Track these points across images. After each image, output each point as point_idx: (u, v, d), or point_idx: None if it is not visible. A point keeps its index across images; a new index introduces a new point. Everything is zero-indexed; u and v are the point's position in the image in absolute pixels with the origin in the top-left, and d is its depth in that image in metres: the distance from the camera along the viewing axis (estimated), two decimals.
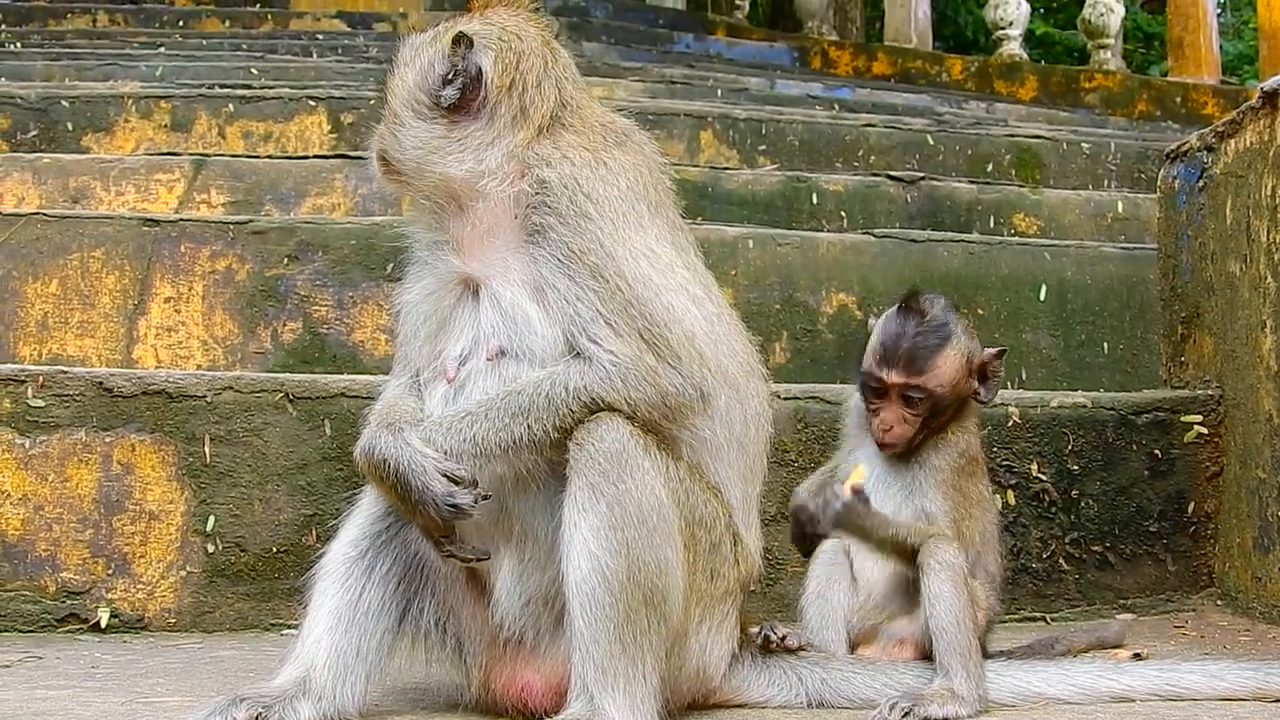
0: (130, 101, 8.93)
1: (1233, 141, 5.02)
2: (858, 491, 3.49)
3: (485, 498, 3.03)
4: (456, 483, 3.00)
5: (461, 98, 3.24)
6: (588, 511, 2.94)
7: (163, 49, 12.93)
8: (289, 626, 4.36)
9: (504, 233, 3.19)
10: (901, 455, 3.68)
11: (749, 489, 3.32)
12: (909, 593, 3.59)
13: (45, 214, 6.24)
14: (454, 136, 3.24)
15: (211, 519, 4.55)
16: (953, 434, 3.72)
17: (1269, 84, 4.78)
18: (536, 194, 3.15)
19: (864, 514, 3.51)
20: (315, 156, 7.86)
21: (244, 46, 13.74)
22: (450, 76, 3.25)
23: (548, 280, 3.10)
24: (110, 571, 4.50)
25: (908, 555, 3.54)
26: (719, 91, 12.12)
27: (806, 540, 3.72)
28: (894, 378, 3.63)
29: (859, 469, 3.60)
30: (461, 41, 3.26)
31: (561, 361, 3.07)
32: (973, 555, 3.64)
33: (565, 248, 3.09)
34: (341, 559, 3.23)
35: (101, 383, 4.54)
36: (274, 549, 4.56)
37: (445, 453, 3.04)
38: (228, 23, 16.30)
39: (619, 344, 3.04)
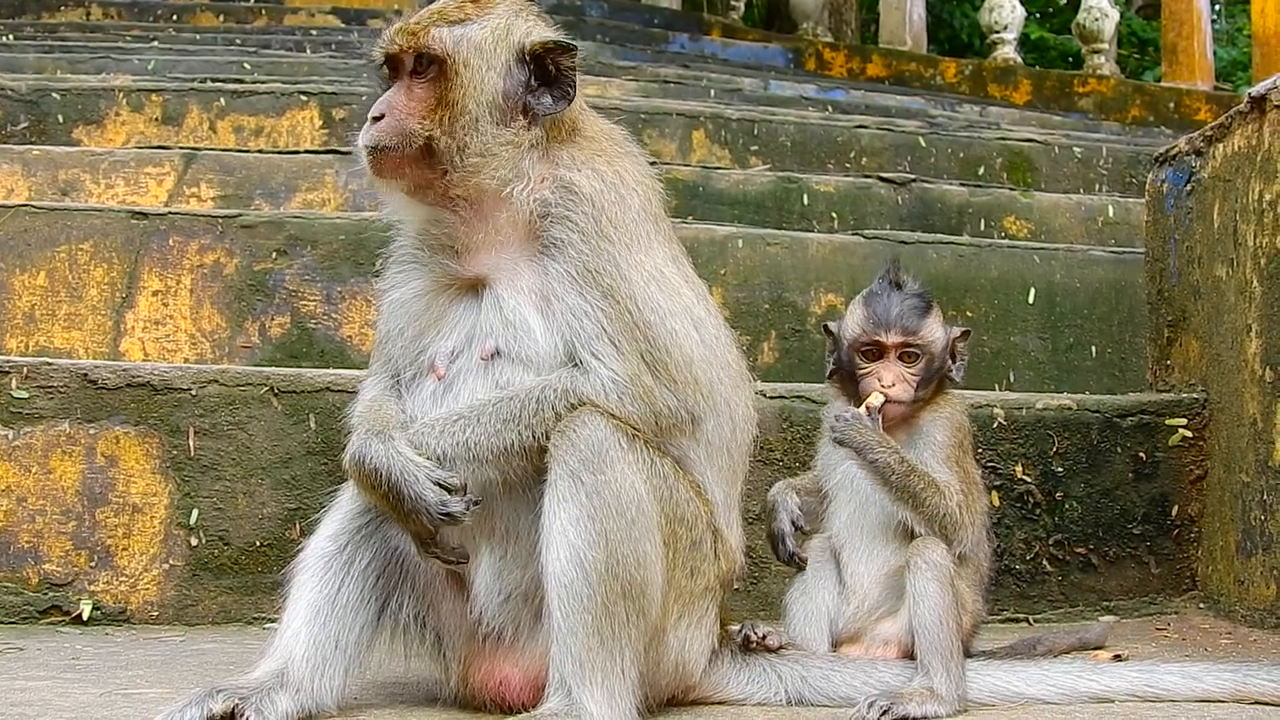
0: (121, 95, 8.91)
1: (1221, 146, 5.03)
2: (870, 411, 3.51)
3: (476, 503, 3.04)
4: (449, 491, 3.01)
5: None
6: (567, 501, 2.96)
7: (156, 43, 12.93)
8: (272, 620, 4.34)
9: (517, 239, 3.19)
10: (896, 434, 3.69)
11: (731, 488, 3.34)
12: (899, 595, 3.59)
13: (33, 206, 6.24)
14: (516, 142, 3.20)
15: (195, 512, 4.54)
16: (946, 406, 3.75)
17: (1257, 89, 4.79)
18: (559, 204, 3.15)
19: (869, 430, 3.51)
20: (306, 152, 7.86)
21: (237, 41, 13.72)
22: (534, 85, 3.21)
23: (557, 293, 3.11)
24: (93, 564, 4.50)
25: (911, 502, 3.53)
26: (712, 91, 12.13)
27: (781, 541, 3.72)
28: (893, 337, 3.67)
29: (876, 395, 3.61)
30: (555, 49, 3.21)
31: (559, 370, 3.09)
32: (973, 540, 3.63)
33: (581, 266, 3.11)
34: (321, 553, 3.23)
35: (86, 374, 4.53)
36: (257, 543, 4.56)
37: (437, 456, 3.05)
38: (222, 17, 16.28)
39: (620, 362, 3.07)
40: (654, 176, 3.39)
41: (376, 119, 3.17)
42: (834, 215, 8.00)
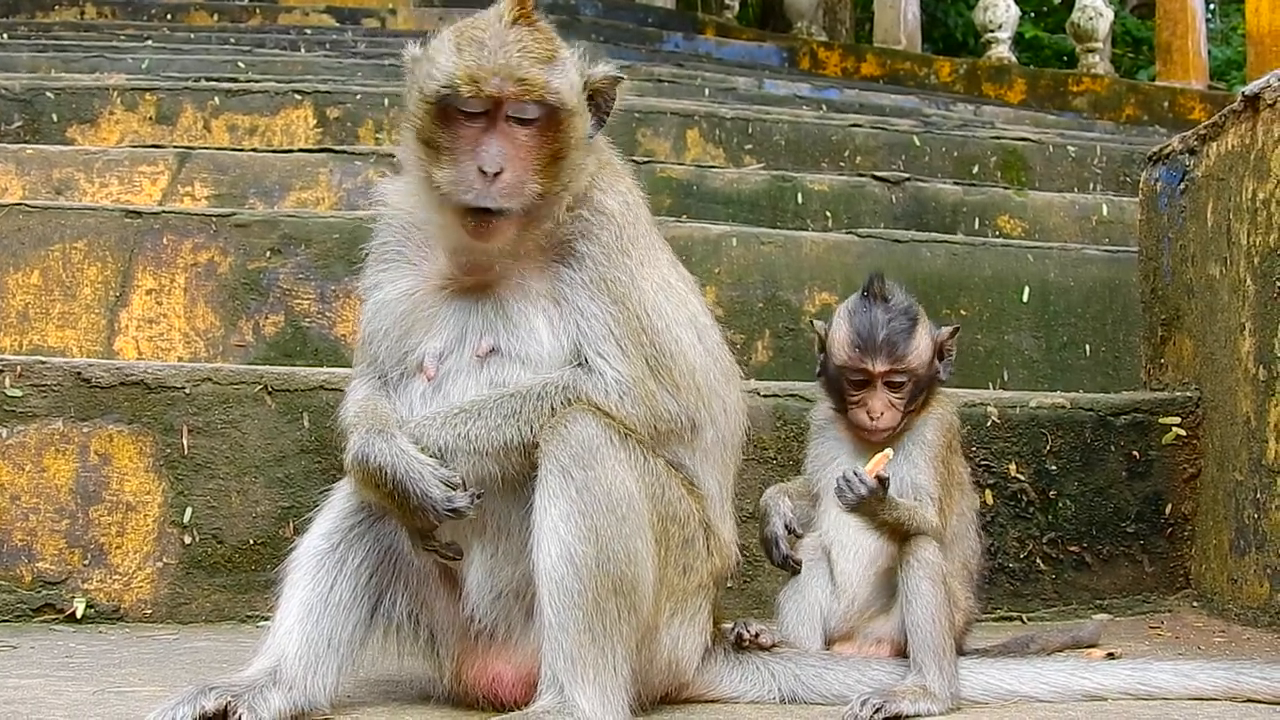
0: (116, 94, 8.91)
1: (1214, 144, 5.03)
2: (881, 480, 3.45)
3: (479, 495, 3.04)
4: (452, 487, 3.02)
5: None
6: (558, 496, 2.96)
7: (150, 41, 12.93)
8: (265, 618, 4.31)
9: (536, 250, 3.18)
10: (885, 437, 3.69)
11: (725, 480, 3.35)
12: (891, 593, 3.60)
13: (27, 205, 6.23)
14: (589, 171, 3.22)
15: (189, 510, 4.54)
16: (938, 406, 3.76)
17: (1250, 88, 4.79)
18: (590, 222, 3.16)
19: (881, 499, 3.45)
20: (300, 150, 7.84)
21: (232, 40, 13.72)
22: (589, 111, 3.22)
23: (567, 296, 3.13)
24: (87, 562, 4.49)
25: (901, 535, 3.53)
26: (706, 90, 12.13)
27: (775, 544, 3.70)
28: (879, 366, 3.64)
29: (885, 453, 3.54)
30: (614, 81, 3.24)
31: (562, 368, 3.10)
32: (949, 536, 3.64)
33: (598, 275, 3.13)
34: (313, 551, 3.23)
35: (79, 373, 4.53)
36: (251, 541, 4.56)
37: (439, 447, 3.06)
38: (216, 16, 16.29)
39: (625, 363, 3.10)
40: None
41: (496, 174, 3.02)
42: (828, 214, 8.01)
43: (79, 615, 4.44)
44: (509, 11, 3.12)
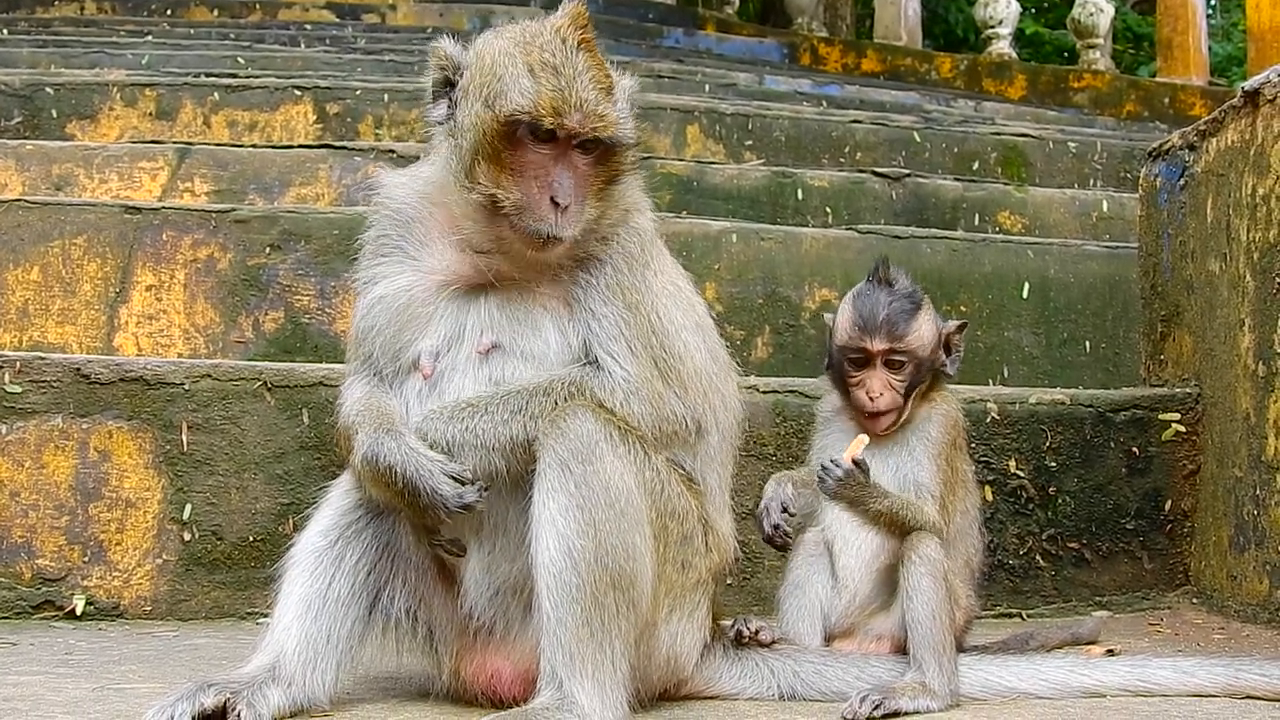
0: (116, 89, 8.91)
1: (1214, 140, 5.03)
2: (858, 463, 3.47)
3: (487, 489, 3.05)
4: (461, 483, 3.02)
5: None
6: (557, 490, 2.96)
7: (150, 37, 12.93)
8: (264, 615, 4.31)
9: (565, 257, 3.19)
10: (889, 429, 3.69)
11: (723, 476, 3.36)
12: (892, 590, 3.60)
13: (27, 201, 6.23)
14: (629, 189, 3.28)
15: (188, 507, 4.54)
16: (943, 402, 3.76)
17: (1250, 83, 4.79)
18: (622, 236, 3.19)
19: (862, 484, 3.48)
20: (300, 146, 7.84)
21: (231, 35, 13.72)
22: None
23: (581, 300, 3.15)
24: (86, 559, 4.49)
25: (899, 530, 3.54)
26: (707, 86, 12.13)
27: (776, 533, 3.70)
28: (878, 344, 3.65)
29: (860, 439, 3.58)
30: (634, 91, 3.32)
31: (570, 366, 3.11)
32: (951, 534, 3.64)
33: (615, 281, 3.16)
34: (311, 549, 3.23)
35: (79, 369, 4.53)
36: (250, 537, 4.56)
37: (446, 441, 3.06)
38: (216, 12, 16.28)
39: (633, 363, 3.10)
40: None
41: (566, 207, 3.06)
42: (828, 210, 8.00)
43: (78, 612, 4.44)
44: (572, 35, 3.16)
